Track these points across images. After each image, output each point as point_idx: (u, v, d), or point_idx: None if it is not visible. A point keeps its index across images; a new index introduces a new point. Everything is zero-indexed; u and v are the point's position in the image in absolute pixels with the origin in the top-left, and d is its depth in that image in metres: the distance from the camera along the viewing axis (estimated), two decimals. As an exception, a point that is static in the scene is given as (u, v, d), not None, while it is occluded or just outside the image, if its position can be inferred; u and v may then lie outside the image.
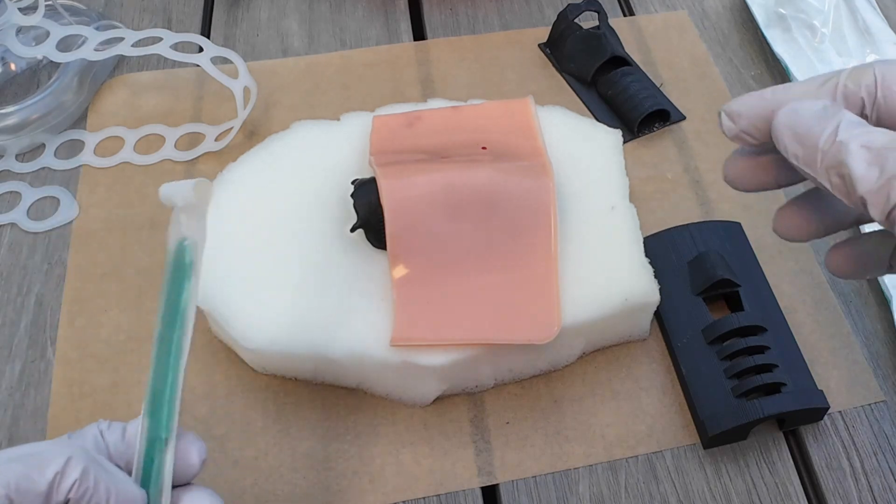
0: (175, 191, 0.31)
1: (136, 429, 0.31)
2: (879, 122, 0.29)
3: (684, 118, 0.51)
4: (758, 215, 0.47)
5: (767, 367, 0.39)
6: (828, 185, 0.27)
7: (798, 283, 0.44)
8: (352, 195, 0.40)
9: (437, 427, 0.40)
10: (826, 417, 0.40)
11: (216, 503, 0.31)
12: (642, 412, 0.40)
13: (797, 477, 0.38)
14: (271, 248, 0.41)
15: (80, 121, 0.52)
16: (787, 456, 0.39)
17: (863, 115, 0.29)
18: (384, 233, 0.39)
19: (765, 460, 0.39)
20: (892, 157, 0.26)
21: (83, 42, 0.51)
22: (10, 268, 0.46)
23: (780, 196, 0.48)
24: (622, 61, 0.53)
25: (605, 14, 0.54)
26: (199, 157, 0.50)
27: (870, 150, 0.26)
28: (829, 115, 0.28)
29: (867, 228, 0.42)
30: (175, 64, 0.54)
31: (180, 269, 0.31)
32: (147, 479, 0.30)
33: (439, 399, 0.40)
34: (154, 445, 0.30)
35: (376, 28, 0.58)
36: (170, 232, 0.32)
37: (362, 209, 0.40)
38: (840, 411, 0.40)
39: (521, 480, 0.38)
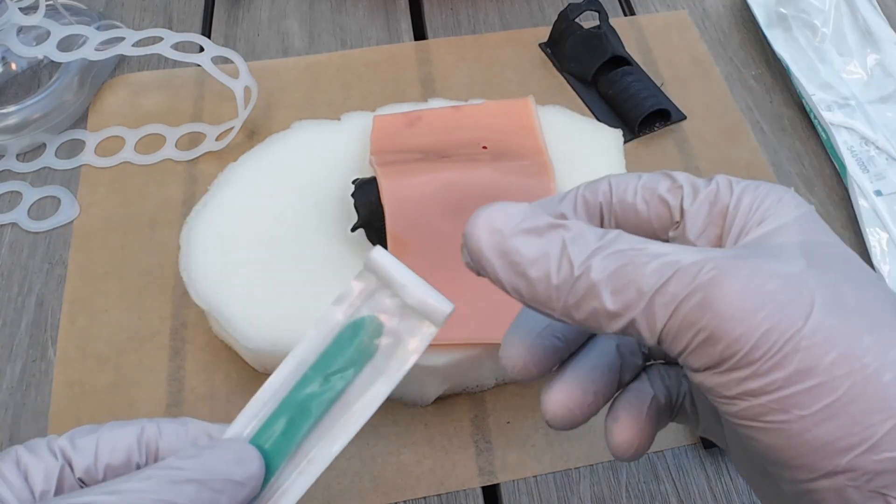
0: (427, 301, 0.27)
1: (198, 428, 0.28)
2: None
3: (685, 118, 0.51)
4: (758, 215, 0.47)
5: (768, 367, 0.39)
6: (572, 322, 0.23)
7: (799, 282, 0.44)
8: (352, 195, 0.40)
9: (438, 427, 0.40)
10: (827, 417, 0.40)
11: None
12: (643, 412, 0.40)
13: (798, 476, 0.38)
14: (272, 247, 0.41)
15: (80, 120, 0.52)
16: (787, 455, 0.39)
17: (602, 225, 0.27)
18: (385, 232, 0.39)
19: (765, 460, 0.39)
20: (640, 270, 0.22)
21: (84, 42, 0.51)
22: (11, 267, 0.46)
23: (781, 196, 0.48)
24: (623, 61, 0.53)
25: (606, 14, 0.54)
26: (199, 156, 0.50)
27: (615, 273, 0.22)
28: (543, 226, 0.23)
29: None
30: (176, 64, 0.54)
31: (356, 349, 0.27)
32: None
33: (440, 399, 0.40)
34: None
35: (377, 28, 0.58)
36: (354, 299, 0.27)
37: (363, 209, 0.40)
38: (841, 411, 0.40)
39: (521, 480, 0.38)
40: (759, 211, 0.25)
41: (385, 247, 0.39)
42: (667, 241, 0.26)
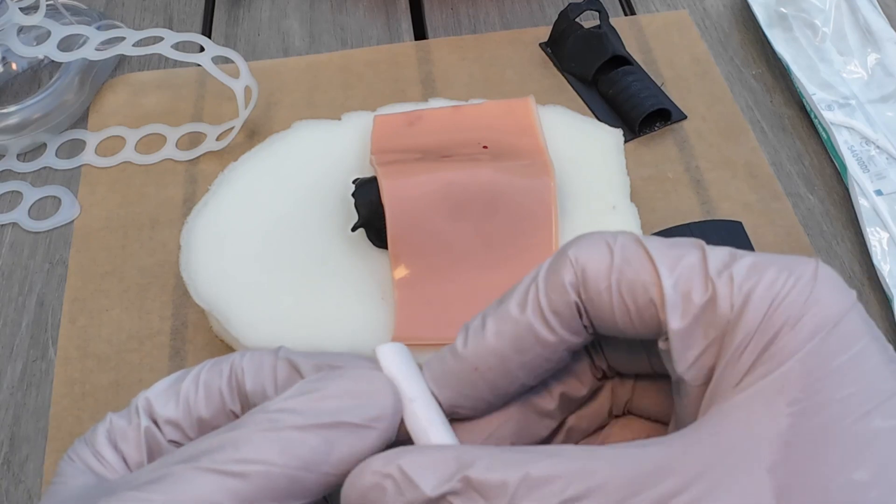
0: None
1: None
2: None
3: (685, 117, 0.51)
4: (759, 214, 0.47)
5: (768, 367, 0.39)
6: None
7: (799, 282, 0.44)
8: (353, 194, 0.40)
9: (438, 426, 0.40)
10: (827, 417, 0.40)
11: None
12: (643, 411, 0.40)
13: (798, 476, 0.38)
14: (272, 247, 0.41)
15: (81, 120, 0.52)
16: (788, 455, 0.39)
17: (584, 326, 0.22)
18: (385, 232, 0.39)
19: (766, 459, 0.39)
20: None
21: (84, 42, 0.51)
22: (12, 267, 0.46)
23: (781, 194, 0.48)
24: (623, 60, 0.53)
25: (606, 13, 0.54)
26: (200, 156, 0.50)
27: None
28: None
29: None
30: (176, 63, 0.54)
31: None
32: None
33: (440, 398, 0.40)
34: None
35: (377, 27, 0.58)
36: None
37: (363, 208, 0.40)
38: (841, 410, 0.40)
39: (522, 480, 0.38)
40: (765, 335, 0.18)
41: (385, 247, 0.39)
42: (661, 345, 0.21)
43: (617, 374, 0.26)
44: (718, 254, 0.20)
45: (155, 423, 0.23)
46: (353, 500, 0.20)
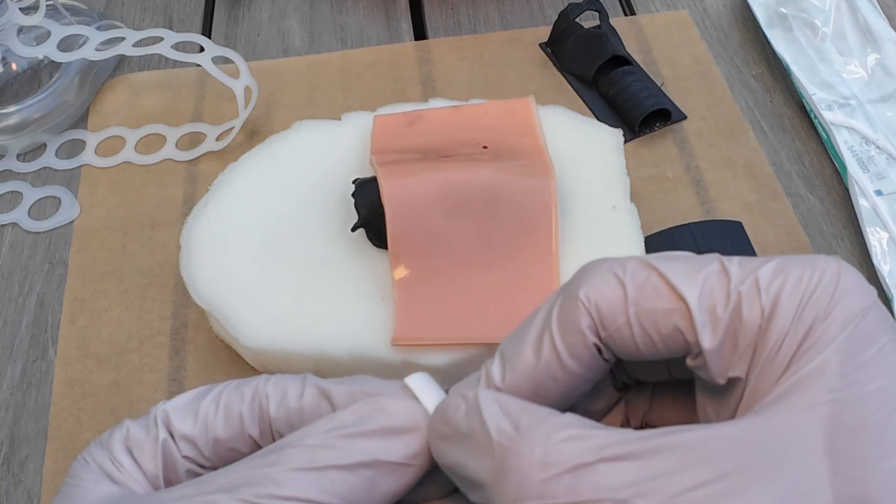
0: None
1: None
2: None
3: (685, 117, 0.51)
4: (759, 214, 0.47)
5: (768, 367, 0.39)
6: None
7: (799, 282, 0.44)
8: (353, 194, 0.40)
9: (438, 426, 0.40)
10: (827, 417, 0.40)
11: None
12: (643, 411, 0.40)
13: (798, 476, 0.38)
14: (272, 247, 0.41)
15: (81, 120, 0.52)
16: (788, 455, 0.39)
17: (605, 359, 0.22)
18: (385, 232, 0.39)
19: (766, 459, 0.39)
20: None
21: (84, 42, 0.51)
22: (12, 267, 0.46)
23: (781, 194, 0.48)
24: (623, 61, 0.53)
25: (606, 13, 0.54)
26: (200, 156, 0.50)
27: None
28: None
29: None
30: (176, 63, 0.54)
31: None
32: None
33: (440, 398, 0.40)
34: None
35: (377, 28, 0.58)
36: None
37: (363, 208, 0.40)
38: (841, 410, 0.40)
39: (522, 480, 0.38)
40: (799, 330, 0.19)
41: (385, 247, 0.39)
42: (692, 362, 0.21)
43: (636, 381, 0.26)
44: (738, 262, 0.21)
45: (171, 436, 0.24)
46: (437, 412, 0.22)
